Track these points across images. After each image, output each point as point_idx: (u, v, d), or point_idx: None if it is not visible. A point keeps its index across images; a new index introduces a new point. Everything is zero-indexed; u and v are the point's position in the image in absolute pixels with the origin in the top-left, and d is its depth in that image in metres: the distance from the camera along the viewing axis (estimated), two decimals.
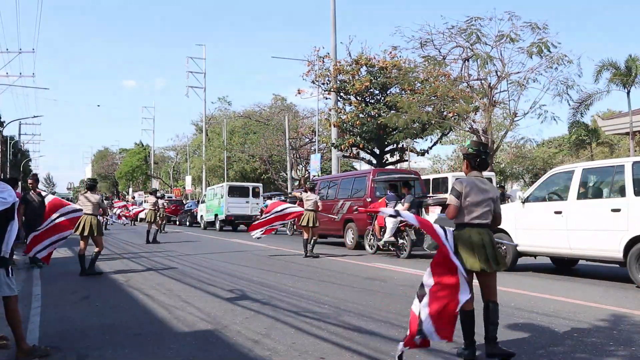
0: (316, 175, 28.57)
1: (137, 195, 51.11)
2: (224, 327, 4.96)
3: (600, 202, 7.88)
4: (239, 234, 21.77)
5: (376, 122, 22.20)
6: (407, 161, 26.79)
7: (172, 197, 42.05)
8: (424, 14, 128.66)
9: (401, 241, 11.67)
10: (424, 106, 19.77)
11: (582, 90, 18.51)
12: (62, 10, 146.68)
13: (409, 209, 11.71)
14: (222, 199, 24.29)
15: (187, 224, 30.52)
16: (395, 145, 24.71)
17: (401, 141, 23.70)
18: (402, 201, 11.94)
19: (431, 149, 25.58)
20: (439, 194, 15.49)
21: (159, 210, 17.05)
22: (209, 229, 25.91)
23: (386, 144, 24.24)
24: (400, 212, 4.18)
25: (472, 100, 18.89)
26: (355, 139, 23.47)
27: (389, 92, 23.77)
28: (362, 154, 26.09)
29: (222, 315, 5.52)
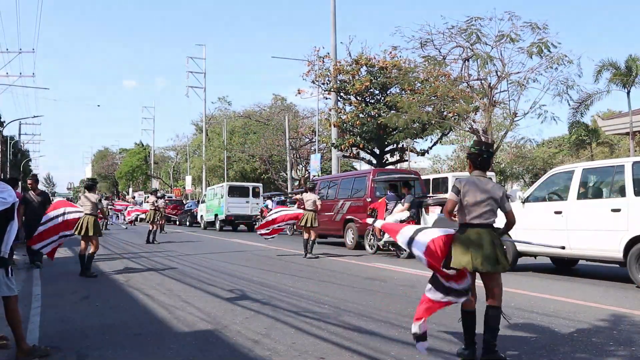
0: (316, 175, 28.56)
1: (137, 195, 51.10)
2: (224, 327, 4.96)
3: (600, 202, 7.88)
4: (239, 234, 21.78)
5: (376, 122, 22.20)
6: (407, 161, 26.79)
7: (172, 197, 42.03)
8: (424, 14, 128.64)
9: None
10: (424, 106, 19.77)
11: (582, 90, 18.48)
12: (62, 10, 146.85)
13: (409, 209, 11.72)
14: (222, 199, 24.31)
15: (187, 224, 30.54)
16: (395, 145, 24.71)
17: (401, 141, 23.70)
18: (402, 201, 11.94)
19: (431, 149, 25.60)
20: (439, 194, 15.51)
21: (158, 210, 17.03)
22: (209, 229, 25.91)
23: (386, 144, 24.24)
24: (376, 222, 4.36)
25: (472, 100, 18.88)
26: (355, 139, 23.46)
27: (389, 92, 23.76)
28: (362, 154, 26.08)
29: (222, 315, 5.52)
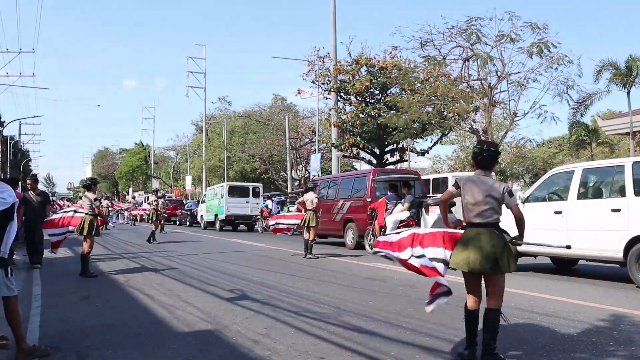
0: (316, 175, 28.54)
1: (137, 195, 51.08)
2: (224, 327, 4.96)
3: (600, 202, 7.88)
4: (239, 234, 21.78)
5: (376, 122, 22.19)
6: (407, 161, 26.78)
7: (172, 197, 42.02)
8: (424, 14, 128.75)
9: None
10: (424, 106, 19.74)
11: (582, 90, 18.40)
12: (62, 10, 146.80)
13: (409, 208, 11.72)
14: (222, 199, 24.30)
15: (187, 224, 30.53)
16: (395, 145, 24.69)
17: (401, 141, 23.68)
18: (402, 201, 11.94)
19: (431, 149, 25.57)
20: (439, 194, 15.50)
21: (158, 210, 17.03)
22: (209, 229, 25.91)
23: (386, 144, 24.23)
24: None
25: (472, 100, 18.85)
26: (355, 139, 23.45)
27: (389, 92, 23.74)
28: (362, 154, 26.06)
29: (222, 315, 5.52)
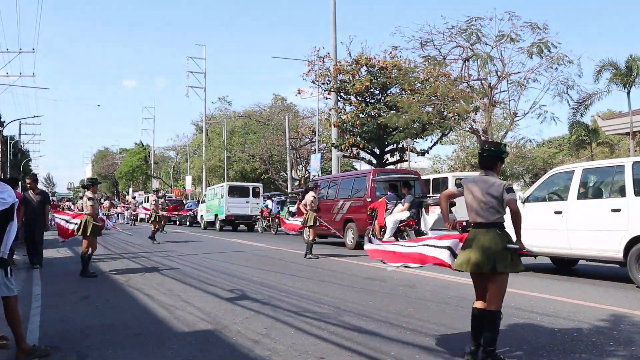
0: (316, 175, 28.55)
1: (137, 195, 51.08)
2: (224, 327, 4.96)
3: (600, 202, 7.88)
4: (239, 234, 21.77)
5: (376, 122, 22.19)
6: (407, 161, 26.78)
7: (172, 197, 42.01)
8: (424, 14, 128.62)
9: None
10: (424, 106, 19.75)
11: (582, 90, 18.43)
12: (62, 10, 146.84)
13: (409, 208, 11.71)
14: (222, 199, 24.29)
15: (187, 224, 30.52)
16: (395, 145, 24.70)
17: (401, 141, 23.69)
18: (402, 201, 11.93)
19: (431, 149, 25.59)
20: (438, 194, 15.47)
21: (157, 209, 17.00)
22: (209, 229, 25.89)
23: (386, 144, 24.24)
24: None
25: (472, 100, 18.85)
26: (355, 139, 23.46)
27: (389, 92, 23.75)
28: (362, 154, 26.07)
29: (222, 315, 5.52)
